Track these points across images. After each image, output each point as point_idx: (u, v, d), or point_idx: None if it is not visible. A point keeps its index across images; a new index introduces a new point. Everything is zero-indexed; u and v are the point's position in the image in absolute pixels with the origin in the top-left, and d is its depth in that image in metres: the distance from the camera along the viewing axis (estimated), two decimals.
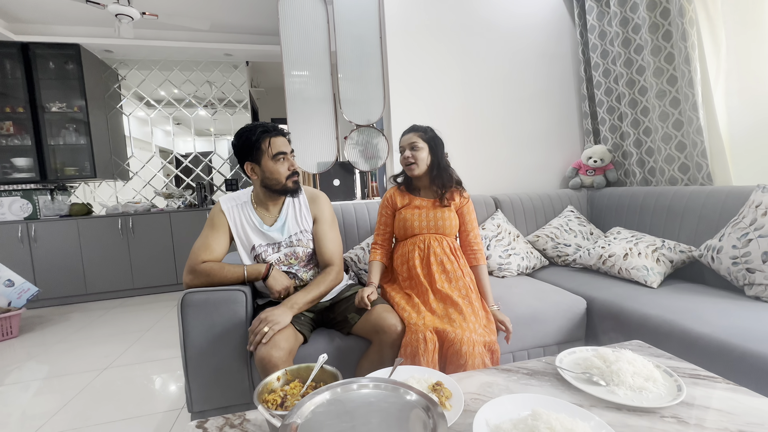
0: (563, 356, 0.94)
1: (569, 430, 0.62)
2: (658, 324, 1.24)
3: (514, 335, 1.40)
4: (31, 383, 1.93)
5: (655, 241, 1.66)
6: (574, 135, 2.55)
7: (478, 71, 2.35)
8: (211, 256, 1.19)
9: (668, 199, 1.79)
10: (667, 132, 1.94)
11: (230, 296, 1.15)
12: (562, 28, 2.48)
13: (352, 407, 0.57)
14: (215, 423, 0.76)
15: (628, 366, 0.83)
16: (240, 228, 1.27)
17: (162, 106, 4.08)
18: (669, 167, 1.96)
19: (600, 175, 2.28)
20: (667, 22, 1.87)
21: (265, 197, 1.29)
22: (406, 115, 2.21)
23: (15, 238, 3.18)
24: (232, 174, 4.36)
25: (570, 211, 2.16)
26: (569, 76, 2.51)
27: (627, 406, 0.75)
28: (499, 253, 1.89)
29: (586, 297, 1.54)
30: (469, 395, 0.82)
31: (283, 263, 1.29)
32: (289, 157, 1.24)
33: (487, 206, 2.09)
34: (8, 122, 3.37)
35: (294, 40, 2.15)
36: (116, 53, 3.75)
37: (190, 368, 1.13)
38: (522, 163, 2.45)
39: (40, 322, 2.93)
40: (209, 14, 3.40)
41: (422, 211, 1.41)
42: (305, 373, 0.83)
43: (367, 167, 2.25)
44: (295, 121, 2.17)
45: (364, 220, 1.88)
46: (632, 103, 2.13)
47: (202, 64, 4.09)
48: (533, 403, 0.74)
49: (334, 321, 1.29)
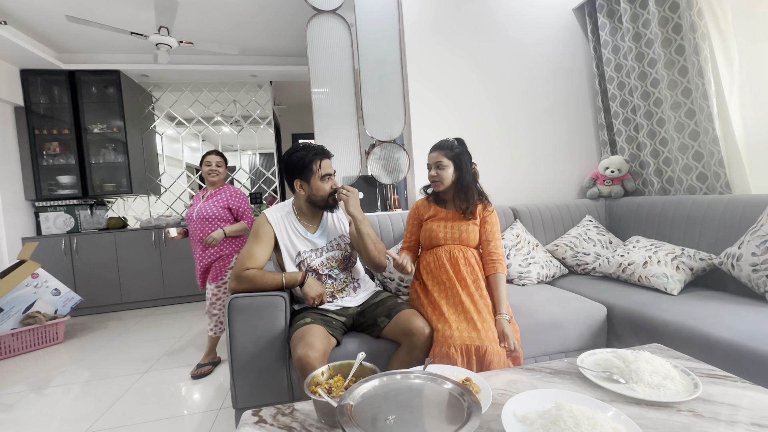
0: (584, 357, 1.00)
1: (590, 418, 0.69)
2: (677, 329, 1.28)
3: (536, 341, 1.45)
4: (72, 387, 2.08)
5: (674, 249, 1.69)
6: (591, 146, 2.60)
7: (496, 86, 2.45)
8: (255, 264, 1.31)
9: (687, 208, 1.83)
10: (683, 142, 1.98)
11: (271, 301, 1.26)
12: (576, 44, 2.56)
13: (396, 392, 0.66)
14: (268, 412, 0.85)
15: (647, 365, 0.89)
16: (285, 236, 1.39)
17: (192, 125, 4.33)
18: (687, 176, 1.99)
19: (618, 185, 2.32)
20: (680, 36, 1.93)
21: (308, 210, 1.42)
22: (426, 131, 2.33)
23: (59, 250, 3.41)
24: (255, 188, 4.55)
25: (588, 221, 2.20)
26: (584, 90, 2.58)
27: (645, 400, 0.80)
28: (519, 261, 1.95)
29: (606, 304, 1.58)
30: (496, 391, 0.89)
31: (325, 266, 1.41)
32: (333, 177, 1.37)
33: (506, 217, 2.16)
34: (55, 143, 3.64)
35: (320, 62, 2.30)
36: (152, 77, 4.02)
37: (235, 367, 1.23)
38: (540, 174, 2.51)
39: (81, 329, 3.12)
40: (238, 39, 3.63)
41: (447, 222, 1.49)
42: (346, 370, 0.92)
43: (389, 180, 2.36)
44: (322, 136, 2.31)
45: (388, 231, 1.98)
46: (648, 114, 2.18)
47: (229, 84, 4.33)
48: (556, 397, 0.80)
49: (365, 325, 1.38)
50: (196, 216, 2.10)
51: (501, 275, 1.41)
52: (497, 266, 1.43)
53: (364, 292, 1.49)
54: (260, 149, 4.73)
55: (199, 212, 2.10)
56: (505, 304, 1.36)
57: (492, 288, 1.40)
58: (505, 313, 1.33)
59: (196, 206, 2.14)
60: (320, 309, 1.36)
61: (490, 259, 1.46)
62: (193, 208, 2.14)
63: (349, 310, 1.41)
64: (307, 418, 0.82)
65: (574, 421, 0.69)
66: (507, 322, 1.30)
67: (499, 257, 1.45)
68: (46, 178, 3.59)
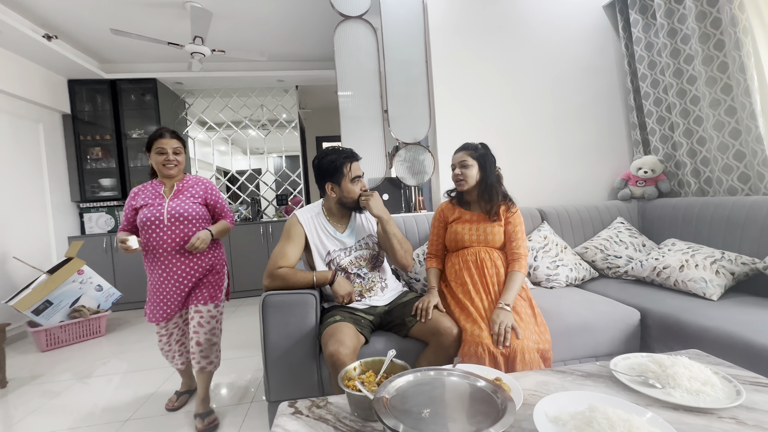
0: (618, 360, 0.98)
1: (625, 420, 0.68)
2: (717, 336, 1.23)
3: (565, 344, 1.43)
4: (113, 377, 2.21)
5: (713, 253, 1.62)
6: (622, 146, 2.52)
7: (522, 86, 2.42)
8: (287, 262, 1.36)
9: (727, 210, 1.75)
10: (723, 141, 1.90)
11: (303, 299, 1.30)
12: (606, 41, 2.50)
13: (430, 388, 0.68)
14: (304, 404, 0.89)
15: (685, 370, 0.86)
16: (316, 236, 1.44)
17: (221, 129, 4.50)
18: (727, 177, 1.91)
19: (651, 186, 2.24)
20: (719, 31, 1.86)
21: (337, 210, 1.47)
22: (451, 132, 2.33)
23: (101, 248, 3.63)
24: (281, 190, 4.67)
25: (620, 223, 2.14)
26: (615, 88, 2.51)
27: (684, 406, 0.78)
28: (546, 264, 1.92)
29: (640, 308, 1.54)
30: (526, 391, 0.89)
31: (354, 265, 1.45)
32: (362, 179, 1.41)
33: (532, 218, 2.13)
34: (97, 148, 3.88)
35: (347, 66, 2.35)
36: (185, 84, 4.21)
37: (268, 362, 1.29)
38: (568, 175, 2.46)
39: (120, 323, 3.30)
40: (266, 46, 3.75)
41: (473, 225, 1.50)
42: (377, 366, 0.95)
43: (414, 182, 2.38)
44: (348, 139, 2.35)
45: (413, 231, 1.99)
46: (684, 112, 2.10)
47: (257, 89, 4.48)
48: (589, 399, 0.80)
49: (392, 324, 1.41)
50: (168, 217, 1.57)
51: (518, 273, 1.40)
52: (515, 264, 1.43)
53: (391, 292, 1.51)
54: (286, 152, 4.85)
55: (171, 212, 1.57)
56: (510, 297, 1.33)
57: (508, 281, 1.39)
58: (506, 304, 1.30)
59: (162, 205, 1.59)
60: (349, 308, 1.40)
61: (512, 258, 1.46)
62: (154, 208, 1.58)
63: (377, 309, 1.44)
64: (341, 411, 0.85)
65: (609, 423, 0.69)
66: (504, 311, 1.27)
67: (520, 256, 1.44)
68: (89, 180, 3.83)
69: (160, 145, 1.58)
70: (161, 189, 1.64)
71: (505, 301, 1.31)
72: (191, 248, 1.54)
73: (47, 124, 3.53)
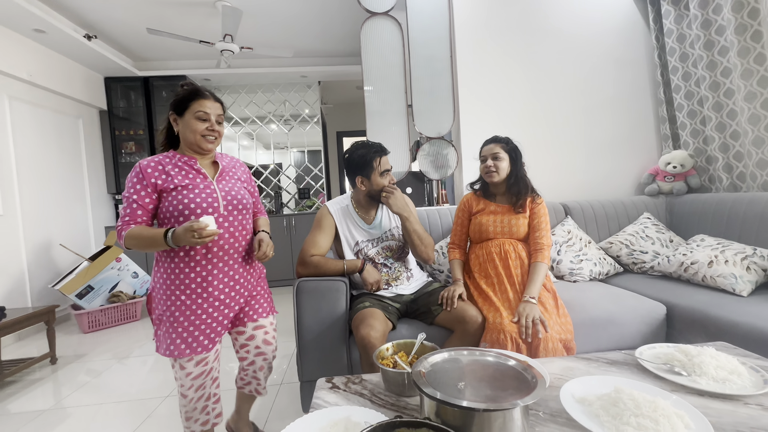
0: (643, 350, 1.00)
1: (651, 401, 0.71)
2: (747, 330, 1.23)
3: (589, 336, 1.45)
4: (147, 359, 2.35)
5: (745, 249, 1.60)
6: (650, 140, 2.48)
7: (548, 79, 2.41)
8: (318, 251, 1.43)
9: (761, 206, 1.71)
10: (759, 135, 1.85)
11: (334, 285, 1.37)
12: (636, 33, 2.45)
13: (463, 364, 0.73)
14: (340, 380, 0.95)
15: (711, 360, 0.88)
16: (345, 227, 1.50)
17: (246, 124, 4.63)
18: (762, 172, 1.86)
19: (680, 182, 2.20)
20: (756, 22, 1.80)
21: (366, 203, 1.52)
22: (476, 127, 2.35)
23: None
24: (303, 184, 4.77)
25: (647, 218, 2.12)
26: (644, 81, 2.46)
27: (709, 392, 0.80)
28: (570, 258, 1.92)
29: (666, 303, 1.54)
30: (552, 375, 0.92)
31: (381, 255, 1.51)
32: (390, 173, 1.46)
33: (556, 213, 2.14)
34: (131, 142, 4.08)
35: (372, 62, 2.40)
36: (213, 81, 4.36)
37: (302, 344, 1.36)
38: (594, 169, 2.44)
39: None
40: (291, 42, 3.84)
41: (497, 216, 1.53)
42: (408, 348, 1.00)
43: (437, 176, 2.41)
44: (373, 133, 2.41)
45: (436, 224, 2.03)
46: (717, 106, 2.05)
47: (281, 85, 4.58)
48: (615, 382, 0.83)
49: (418, 312, 1.46)
50: (224, 204, 1.15)
51: (541, 264, 1.42)
52: (538, 255, 1.44)
53: (416, 282, 1.57)
54: (308, 146, 4.95)
55: (226, 197, 1.17)
56: (535, 290, 1.35)
57: (531, 273, 1.41)
58: (531, 297, 1.32)
59: (210, 188, 1.14)
60: (377, 295, 1.46)
61: (534, 248, 1.47)
62: (201, 191, 1.13)
63: (403, 298, 1.49)
64: (375, 388, 0.91)
65: (635, 403, 0.72)
66: (529, 304, 1.29)
67: (543, 246, 1.45)
68: (124, 173, 4.03)
69: (203, 108, 1.12)
70: (196, 165, 1.16)
71: (530, 294, 1.34)
72: (262, 258, 1.19)
73: (86, 120, 3.74)
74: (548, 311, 1.34)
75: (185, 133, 1.15)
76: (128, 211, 1.10)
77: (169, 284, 1.12)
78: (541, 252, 1.44)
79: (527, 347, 1.24)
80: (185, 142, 1.17)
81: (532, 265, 1.43)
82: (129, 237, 1.08)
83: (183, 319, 1.11)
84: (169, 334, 1.11)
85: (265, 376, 1.32)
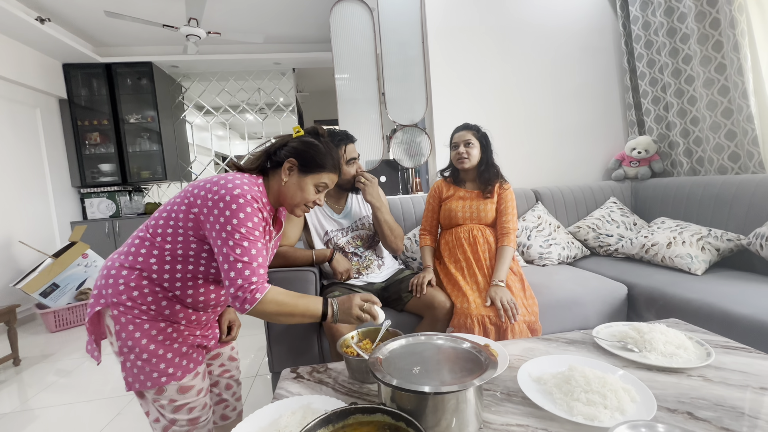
0: (600, 329, 1.04)
1: (600, 377, 0.75)
2: (698, 307, 1.30)
3: (555, 317, 1.50)
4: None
5: (700, 230, 1.68)
6: (617, 127, 2.54)
7: (519, 67, 2.42)
8: (287, 242, 1.41)
9: (716, 189, 1.79)
10: (715, 121, 1.92)
11: (303, 275, 1.36)
12: (604, 21, 2.48)
13: (420, 350, 0.74)
14: (305, 370, 0.95)
15: (661, 336, 0.92)
16: (314, 217, 1.49)
17: (219, 114, 4.49)
18: (718, 156, 1.94)
19: (645, 166, 2.28)
20: (715, 10, 1.85)
21: (334, 192, 1.51)
22: (448, 114, 2.35)
23: (103, 233, 3.68)
24: None
25: (613, 203, 2.18)
26: (612, 68, 2.51)
27: (657, 366, 0.85)
28: (539, 243, 1.97)
29: (627, 283, 1.60)
30: (513, 356, 0.95)
31: (351, 245, 1.50)
32: (357, 161, 1.44)
33: (527, 199, 2.18)
34: (95, 133, 3.88)
35: (343, 48, 2.35)
36: (181, 68, 4.18)
37: (272, 335, 1.35)
38: (563, 156, 2.49)
39: None
40: (262, 27, 3.71)
41: (466, 202, 1.54)
42: (373, 335, 1.01)
43: (411, 164, 2.41)
44: (346, 122, 2.37)
45: (410, 212, 2.04)
46: (678, 92, 2.11)
47: (254, 73, 4.44)
48: (569, 361, 0.86)
49: (389, 299, 1.47)
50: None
51: (507, 248, 1.45)
52: (504, 239, 1.47)
53: (387, 270, 1.57)
54: None
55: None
56: (502, 273, 1.38)
57: (498, 257, 1.44)
58: (500, 281, 1.35)
59: (267, 245, 0.98)
60: (347, 284, 1.46)
61: (501, 233, 1.50)
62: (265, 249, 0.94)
63: (374, 286, 1.50)
64: (339, 376, 0.91)
65: (585, 380, 0.75)
66: (499, 287, 1.33)
67: (509, 231, 1.48)
68: (89, 166, 3.85)
69: (328, 181, 1.01)
70: (272, 218, 1.01)
71: (498, 277, 1.37)
72: (230, 341, 1.17)
73: (44, 110, 3.53)
74: (515, 294, 1.37)
75: (293, 192, 0.96)
76: (260, 260, 0.84)
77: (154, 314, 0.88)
78: (508, 236, 1.47)
79: (495, 330, 1.27)
80: (283, 197, 0.97)
81: (499, 249, 1.46)
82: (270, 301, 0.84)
83: (170, 342, 0.90)
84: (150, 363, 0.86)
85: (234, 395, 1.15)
